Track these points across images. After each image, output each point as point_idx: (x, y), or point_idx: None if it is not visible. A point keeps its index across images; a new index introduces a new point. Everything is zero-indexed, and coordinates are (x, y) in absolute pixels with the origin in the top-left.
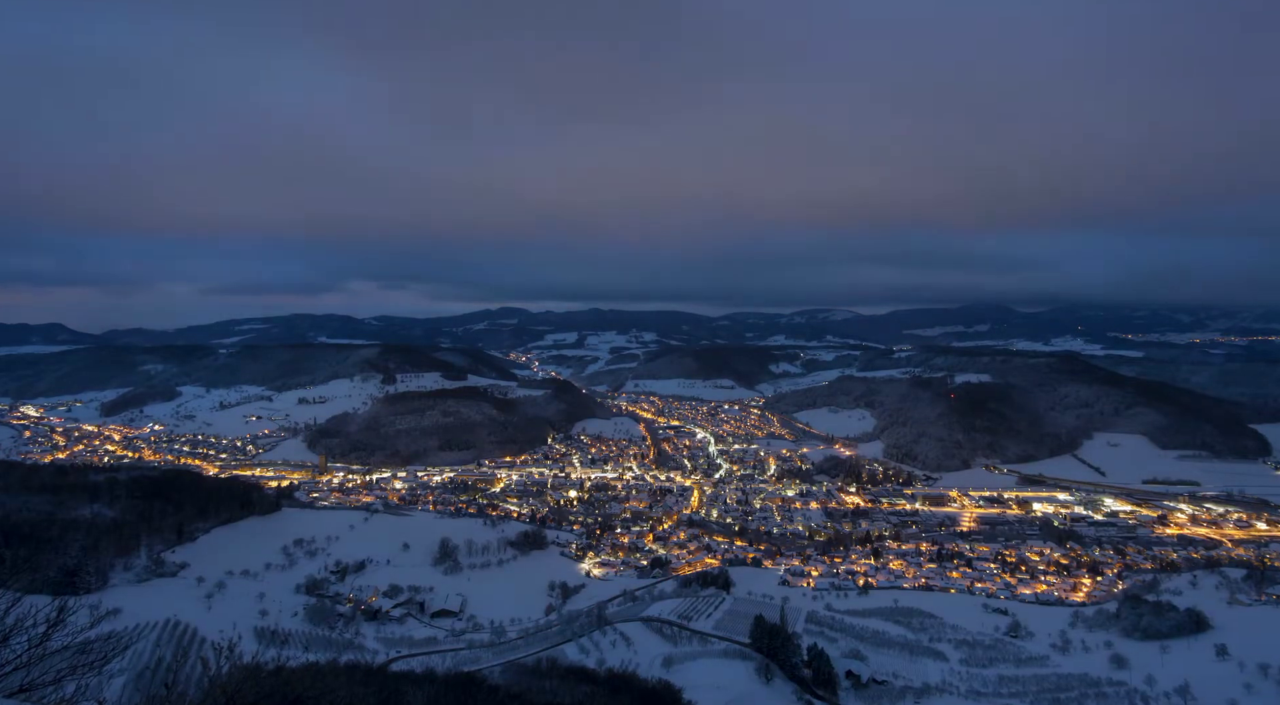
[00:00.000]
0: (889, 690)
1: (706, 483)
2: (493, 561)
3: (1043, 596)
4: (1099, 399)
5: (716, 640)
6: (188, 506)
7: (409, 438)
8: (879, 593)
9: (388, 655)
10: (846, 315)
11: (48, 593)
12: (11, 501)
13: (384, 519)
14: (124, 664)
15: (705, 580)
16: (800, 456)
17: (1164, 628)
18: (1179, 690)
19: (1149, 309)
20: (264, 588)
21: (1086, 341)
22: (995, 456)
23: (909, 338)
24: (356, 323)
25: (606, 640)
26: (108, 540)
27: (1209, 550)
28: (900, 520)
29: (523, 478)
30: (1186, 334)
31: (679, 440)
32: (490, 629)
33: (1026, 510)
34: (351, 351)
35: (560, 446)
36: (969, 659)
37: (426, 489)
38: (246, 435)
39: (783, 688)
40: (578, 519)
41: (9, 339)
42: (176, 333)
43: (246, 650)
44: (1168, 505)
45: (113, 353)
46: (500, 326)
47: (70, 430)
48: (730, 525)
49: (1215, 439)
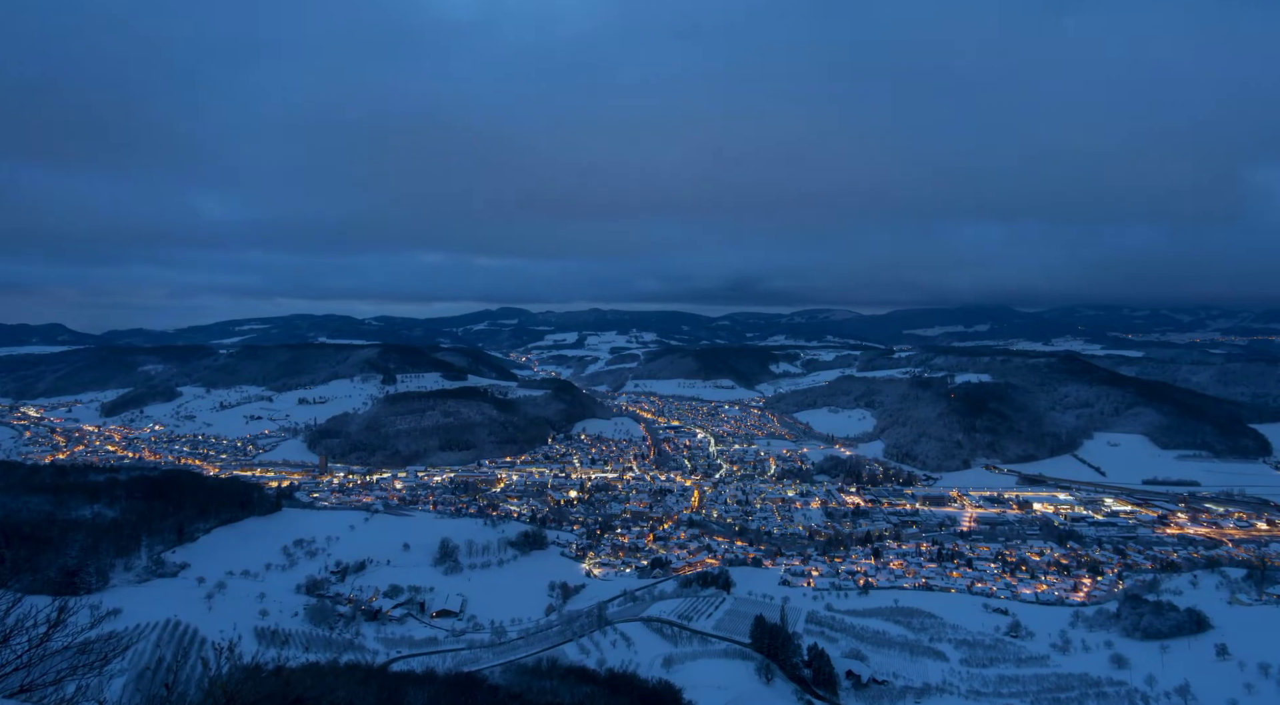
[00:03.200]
0: (889, 690)
1: (706, 483)
2: (493, 562)
3: (1043, 596)
4: (1099, 399)
5: (717, 640)
6: (188, 507)
7: (409, 438)
8: (879, 593)
9: (388, 655)
10: (846, 315)
11: (48, 593)
12: (12, 502)
13: (384, 519)
14: (124, 664)
15: (705, 580)
16: (800, 456)
17: (1164, 628)
18: (1179, 690)
19: (1149, 309)
20: (264, 588)
21: (1086, 341)
22: (995, 456)
23: (909, 338)
24: (356, 323)
25: (607, 640)
26: (108, 540)
27: (1209, 550)
28: (900, 520)
29: (523, 478)
30: (1186, 334)
31: (679, 440)
32: (491, 629)
33: (1026, 510)
34: (351, 352)
35: (560, 447)
36: (969, 659)
37: (427, 489)
38: (246, 435)
39: (783, 688)
40: (578, 519)
41: (9, 339)
42: (176, 333)
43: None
44: (1168, 505)
45: (113, 353)
46: (500, 326)
47: (70, 430)
48: (730, 525)
49: (1215, 439)
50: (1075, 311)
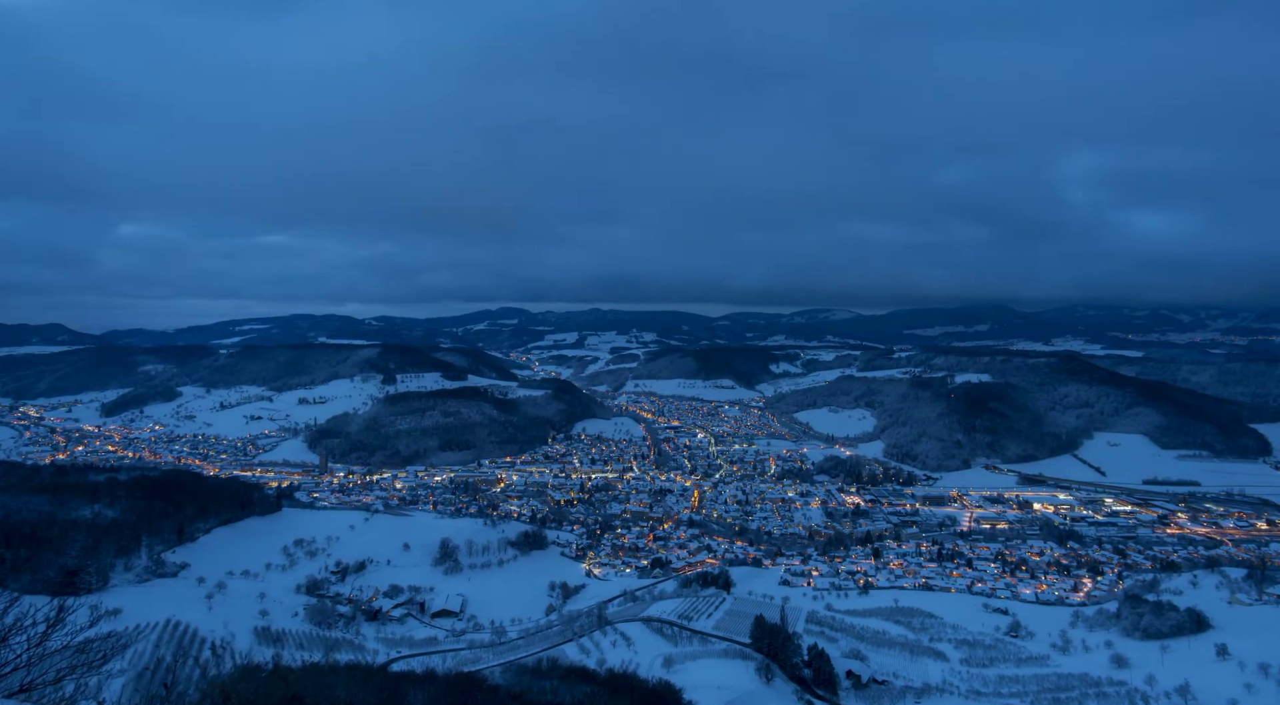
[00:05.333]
0: (889, 690)
1: (706, 483)
2: (493, 562)
3: (1043, 596)
4: (1099, 399)
5: (717, 640)
6: (188, 506)
7: (409, 438)
8: (879, 593)
9: (388, 655)
10: (846, 315)
11: (48, 593)
12: (12, 502)
13: (384, 519)
14: (124, 664)
15: (705, 580)
16: (800, 456)
17: (1164, 627)
18: (1179, 690)
19: (1149, 309)
20: (264, 588)
21: (1086, 341)
22: (995, 456)
23: (909, 338)
24: (356, 323)
25: (607, 640)
26: (108, 540)
27: (1209, 550)
28: (900, 520)
29: (523, 478)
30: (1186, 334)
31: (679, 440)
32: (491, 629)
33: (1026, 510)
34: (351, 352)
35: (560, 446)
36: (969, 659)
37: (427, 489)
38: (246, 435)
39: (783, 688)
40: (578, 519)
41: (9, 339)
42: (176, 333)
43: (246, 650)
44: (1168, 505)
45: (113, 353)
46: (500, 327)
47: (70, 430)
48: (730, 525)
49: (1215, 439)
50: (1075, 311)
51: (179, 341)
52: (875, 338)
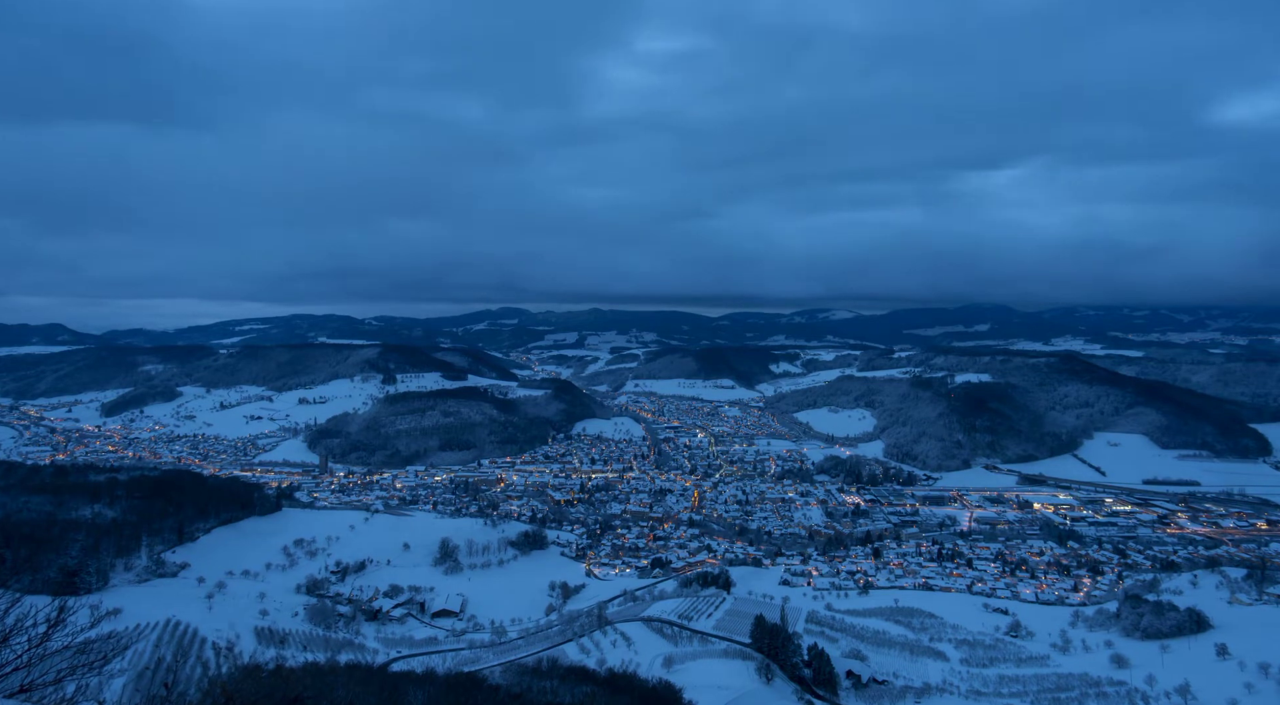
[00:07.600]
0: (889, 690)
1: (706, 483)
2: (493, 561)
3: (1043, 596)
4: (1099, 399)
5: (717, 640)
6: (188, 507)
7: (409, 438)
8: (879, 593)
9: (388, 655)
10: (846, 315)
11: (48, 593)
12: (12, 502)
13: (384, 519)
14: (124, 664)
15: (705, 580)
16: (800, 456)
17: (1164, 627)
18: (1179, 690)
19: (1149, 309)
20: (264, 588)
21: (1086, 341)
22: (995, 456)
23: (909, 338)
24: (356, 323)
25: (607, 640)
26: (108, 540)
27: (1209, 550)
28: (900, 520)
29: (523, 478)
30: (1186, 334)
31: (679, 440)
32: (491, 629)
33: (1027, 510)
34: (351, 352)
35: (560, 446)
36: (969, 659)
37: (427, 489)
38: (246, 435)
39: (783, 687)
40: (578, 519)
41: (9, 339)
42: (176, 333)
43: (247, 650)
44: (1168, 505)
45: (113, 353)
46: (500, 327)
47: (70, 431)
48: (730, 525)
49: (1215, 439)
50: (1075, 311)
51: (179, 341)
52: (875, 338)
